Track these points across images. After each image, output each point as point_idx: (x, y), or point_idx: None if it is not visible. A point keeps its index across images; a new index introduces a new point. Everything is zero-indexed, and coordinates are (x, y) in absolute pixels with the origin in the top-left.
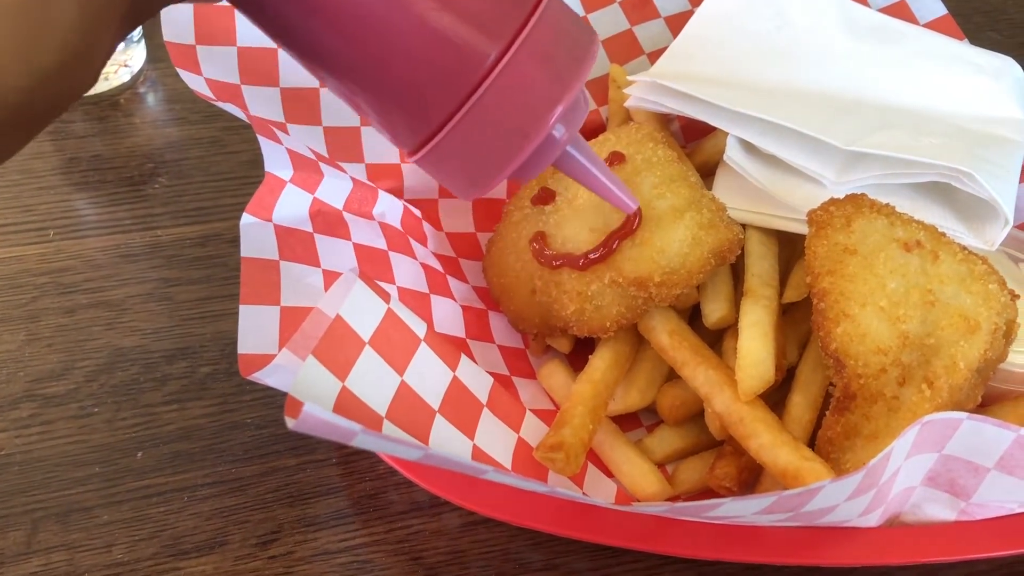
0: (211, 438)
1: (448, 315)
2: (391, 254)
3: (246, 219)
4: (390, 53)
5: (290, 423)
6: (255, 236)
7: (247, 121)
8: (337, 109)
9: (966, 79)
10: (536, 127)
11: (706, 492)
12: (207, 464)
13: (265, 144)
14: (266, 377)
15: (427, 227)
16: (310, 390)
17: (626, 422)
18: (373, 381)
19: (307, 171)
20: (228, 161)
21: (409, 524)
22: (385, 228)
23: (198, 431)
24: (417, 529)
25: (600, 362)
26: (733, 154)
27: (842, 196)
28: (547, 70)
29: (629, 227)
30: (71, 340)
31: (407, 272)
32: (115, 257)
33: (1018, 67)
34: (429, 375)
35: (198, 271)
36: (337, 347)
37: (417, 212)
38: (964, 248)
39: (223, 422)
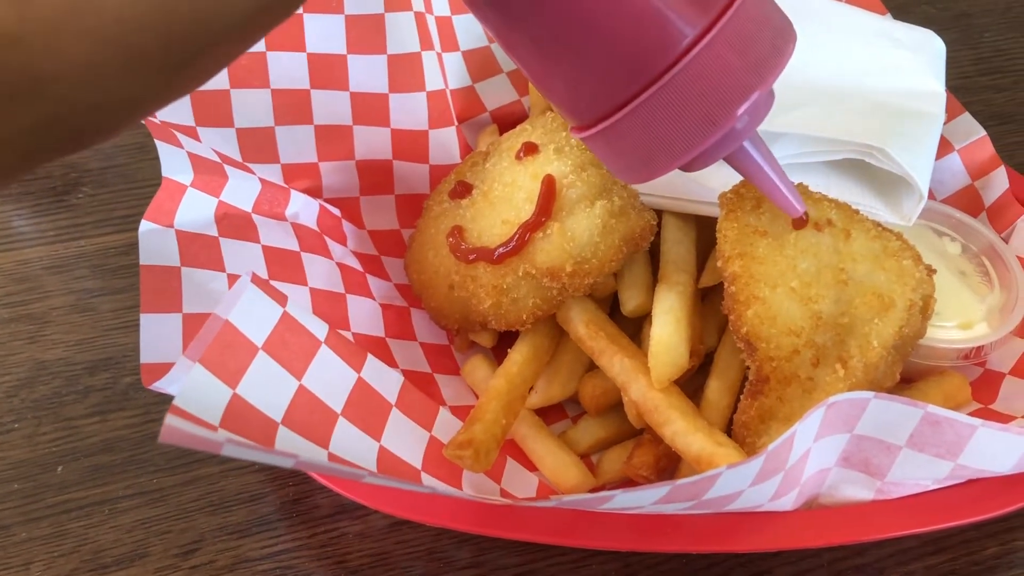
0: (133, 449)
1: (366, 315)
2: (303, 255)
3: (145, 226)
4: (596, 19)
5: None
6: (155, 243)
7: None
8: (250, 110)
9: (884, 53)
10: (724, 115)
11: (630, 481)
12: (128, 475)
13: (163, 148)
14: (167, 386)
15: (347, 226)
16: (198, 399)
17: (551, 414)
18: (268, 387)
19: (209, 174)
20: (153, 167)
21: (334, 527)
22: (298, 229)
23: (120, 442)
24: (342, 532)
25: (518, 356)
26: None
27: None
28: (745, 57)
29: (538, 218)
30: None
31: (321, 273)
32: (39, 269)
33: (939, 40)
34: (330, 378)
35: (122, 280)
36: (228, 354)
37: (336, 211)
38: (878, 225)
39: (145, 432)
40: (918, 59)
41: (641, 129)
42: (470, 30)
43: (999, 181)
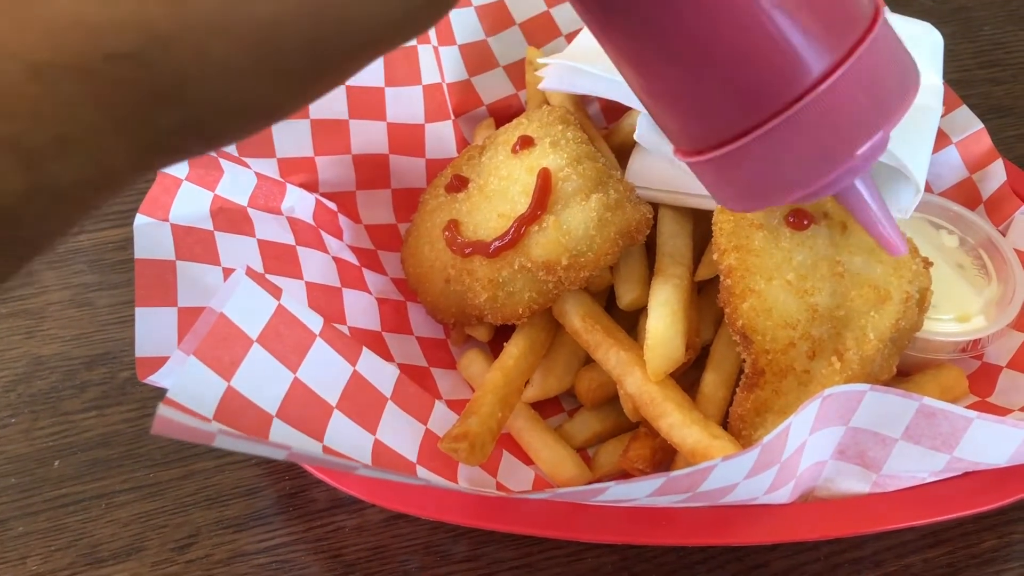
0: (130, 443)
1: (362, 309)
2: (299, 249)
3: (140, 220)
4: (727, 42)
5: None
6: (150, 237)
7: None
8: None
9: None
10: (844, 154)
11: (626, 474)
12: (125, 470)
13: None
14: (162, 380)
15: (343, 220)
16: (193, 392)
17: (548, 408)
18: (262, 379)
19: (205, 168)
20: None
21: (330, 521)
22: (294, 223)
23: (117, 437)
24: (338, 526)
25: (514, 349)
26: (644, 132)
27: None
28: (871, 96)
29: (534, 212)
30: None
31: (317, 267)
32: (36, 264)
33: (936, 33)
34: (325, 370)
35: (119, 275)
36: (222, 346)
37: (332, 205)
38: None
39: (142, 427)
40: (916, 52)
41: (757, 160)
42: (467, 23)
43: (997, 174)
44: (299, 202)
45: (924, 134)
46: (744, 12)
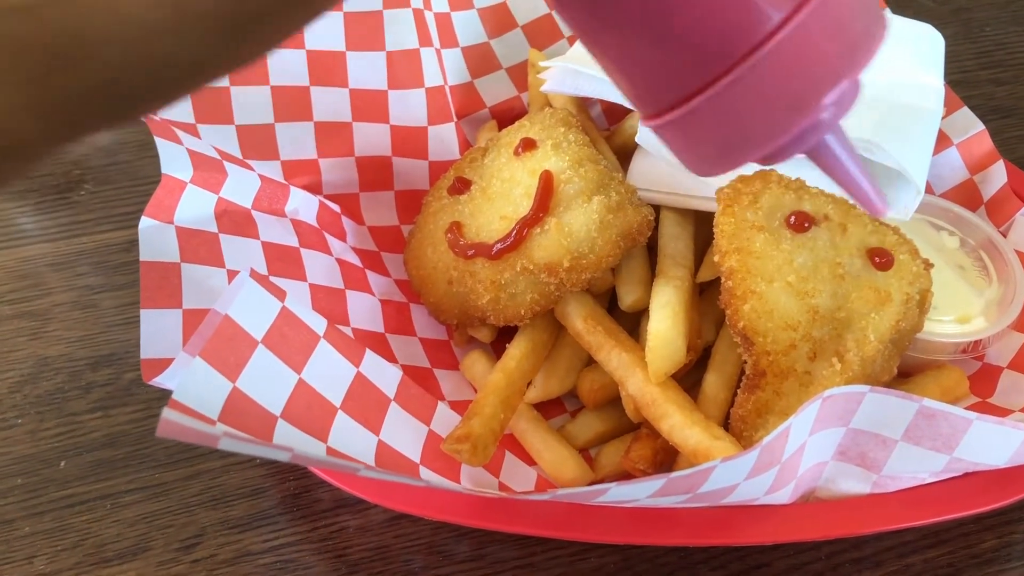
0: (135, 444)
1: (365, 310)
2: (303, 251)
3: (145, 223)
4: None
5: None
6: (155, 239)
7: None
8: (250, 107)
9: (884, 47)
10: (811, 103)
11: (628, 475)
12: (130, 470)
13: (163, 145)
14: (167, 381)
15: (347, 222)
16: (198, 393)
17: (550, 408)
18: (267, 380)
19: (209, 171)
20: (155, 164)
21: (334, 522)
22: (297, 225)
23: (122, 437)
24: (342, 526)
25: (516, 351)
26: (645, 135)
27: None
28: (836, 41)
29: (536, 214)
30: None
31: (320, 269)
32: (41, 266)
33: (938, 35)
34: (329, 372)
35: (123, 277)
36: (227, 348)
37: (335, 207)
38: (875, 219)
39: (147, 428)
40: (916, 53)
41: (720, 116)
42: (469, 26)
43: (998, 175)
44: (303, 204)
45: (925, 135)
46: None
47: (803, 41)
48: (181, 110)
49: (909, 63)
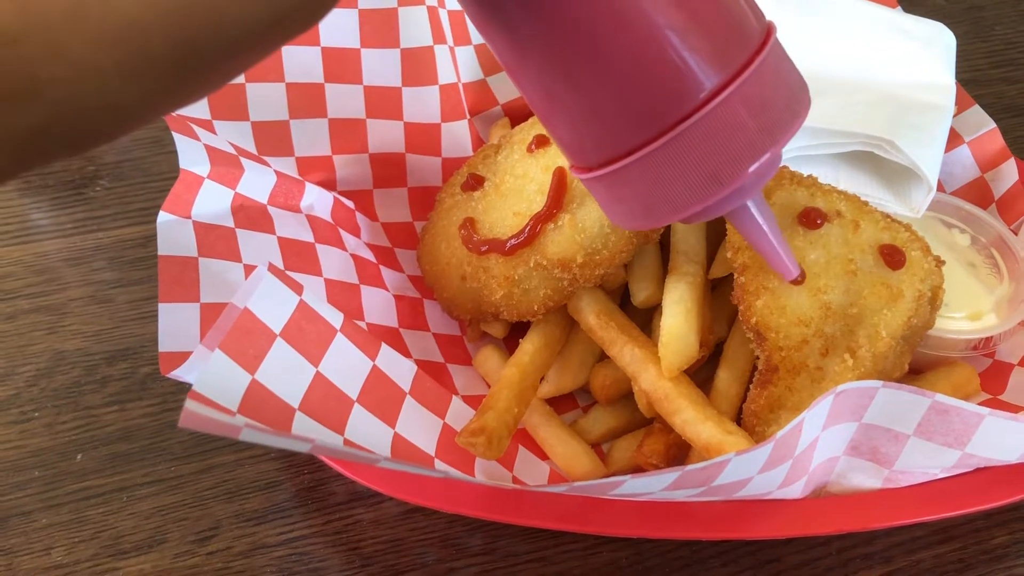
0: (150, 437)
1: (379, 305)
2: (318, 246)
3: (163, 217)
4: (614, 61)
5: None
6: (173, 234)
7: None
8: (265, 104)
9: (896, 46)
10: (732, 175)
11: (640, 470)
12: (146, 463)
13: (180, 140)
14: (185, 374)
15: (361, 218)
16: (217, 385)
17: (562, 403)
18: (286, 373)
19: (226, 166)
20: (169, 160)
21: (349, 514)
22: (312, 221)
23: (138, 431)
24: (356, 519)
25: (529, 346)
26: None
27: None
28: (759, 118)
29: (549, 210)
30: (12, 346)
31: (335, 264)
32: (57, 261)
33: (949, 33)
34: (346, 365)
35: (139, 272)
36: (246, 340)
37: (349, 203)
38: (887, 216)
39: (163, 421)
40: (928, 52)
41: (646, 179)
42: None
43: (1009, 173)
44: (317, 200)
45: (936, 133)
46: (631, 29)
47: (728, 115)
48: (197, 106)
49: (921, 61)
